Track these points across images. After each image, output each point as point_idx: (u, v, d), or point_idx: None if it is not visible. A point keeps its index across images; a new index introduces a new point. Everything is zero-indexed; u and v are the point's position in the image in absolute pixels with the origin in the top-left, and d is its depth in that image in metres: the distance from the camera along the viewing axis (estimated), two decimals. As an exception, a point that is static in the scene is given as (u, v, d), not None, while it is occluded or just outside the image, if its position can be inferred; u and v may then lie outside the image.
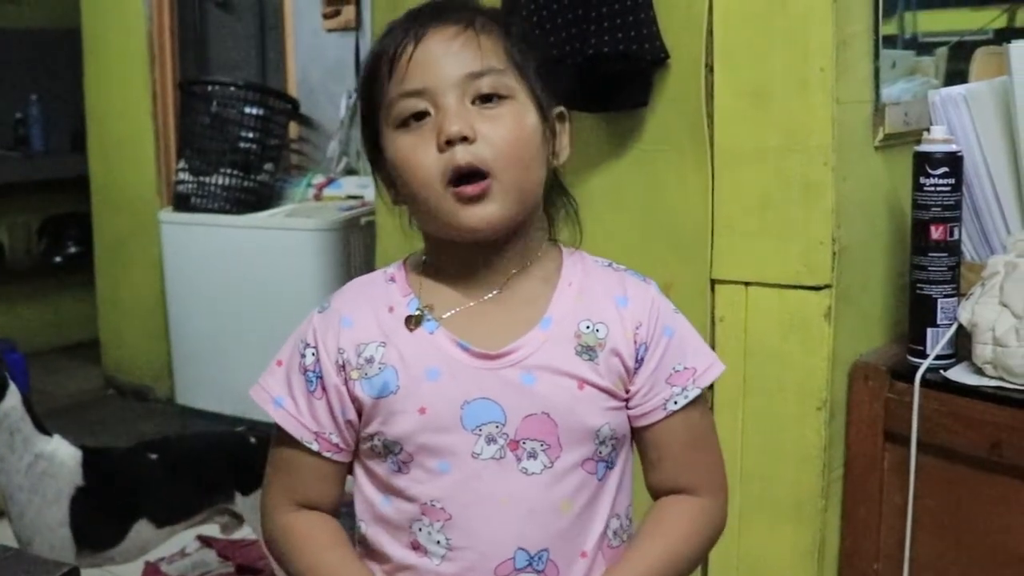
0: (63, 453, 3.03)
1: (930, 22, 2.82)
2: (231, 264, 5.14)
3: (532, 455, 1.50)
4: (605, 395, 1.53)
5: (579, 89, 2.52)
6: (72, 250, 7.14)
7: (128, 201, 5.97)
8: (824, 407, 2.37)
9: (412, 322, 1.53)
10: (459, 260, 1.55)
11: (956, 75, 2.75)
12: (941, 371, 2.30)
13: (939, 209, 2.29)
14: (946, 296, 2.31)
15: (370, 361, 1.52)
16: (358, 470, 1.59)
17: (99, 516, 3.04)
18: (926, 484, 2.29)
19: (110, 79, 5.98)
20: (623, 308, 1.57)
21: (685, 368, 1.58)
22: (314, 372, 1.54)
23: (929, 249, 2.31)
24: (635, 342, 1.55)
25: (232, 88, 5.23)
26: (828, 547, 2.45)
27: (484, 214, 1.46)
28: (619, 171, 2.64)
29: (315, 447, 1.55)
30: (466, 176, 1.45)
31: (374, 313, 1.55)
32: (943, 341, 2.31)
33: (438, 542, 1.50)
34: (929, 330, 2.32)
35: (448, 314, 1.54)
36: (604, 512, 1.56)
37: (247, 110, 5.17)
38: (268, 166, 5.28)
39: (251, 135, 5.21)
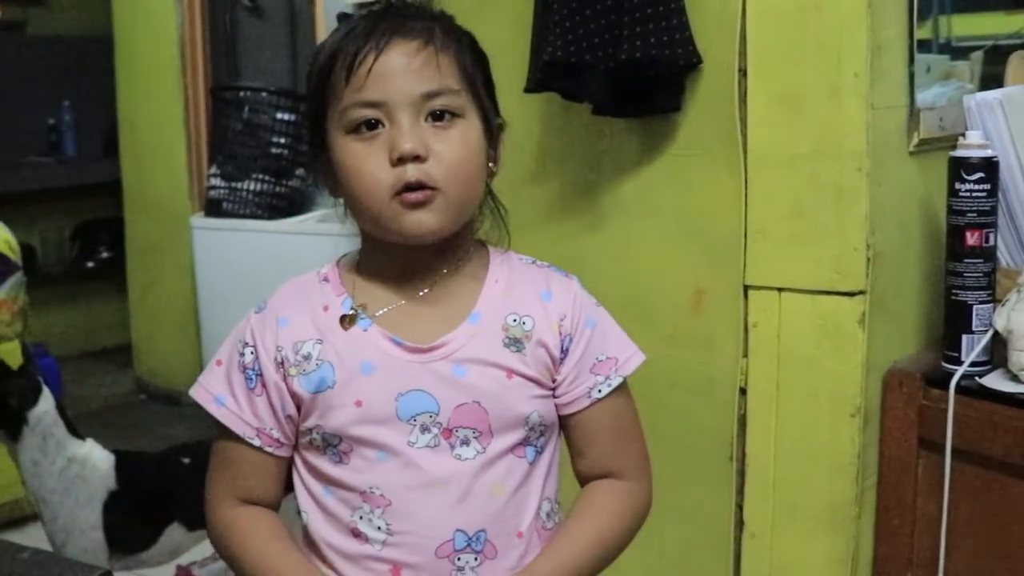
0: (96, 457, 3.04)
1: (965, 26, 2.81)
2: (263, 269, 5.14)
3: (465, 442, 1.57)
4: (532, 384, 1.60)
5: (611, 94, 2.52)
6: (104, 255, 7.16)
7: (160, 206, 5.99)
8: (858, 414, 2.36)
9: (347, 321, 1.60)
10: (393, 259, 1.61)
11: (991, 79, 2.74)
12: (976, 378, 2.28)
13: (974, 215, 2.28)
14: (981, 302, 2.30)
15: (307, 358, 1.58)
16: (298, 463, 1.65)
17: (131, 520, 3.05)
18: (961, 492, 2.28)
19: (142, 85, 6.01)
20: (547, 302, 1.64)
21: (608, 358, 1.65)
22: (253, 370, 1.61)
23: (964, 255, 2.30)
24: (560, 333, 1.62)
25: (264, 94, 5.23)
26: (861, 555, 2.44)
27: (425, 221, 1.53)
28: (651, 176, 2.64)
29: (256, 443, 1.61)
30: (411, 187, 1.51)
31: (309, 312, 1.62)
32: (978, 348, 2.29)
33: (379, 528, 1.56)
34: (964, 336, 2.31)
35: (381, 312, 1.60)
36: (536, 494, 1.63)
37: (279, 116, 5.17)
38: (300, 172, 5.28)
39: (283, 140, 5.21)
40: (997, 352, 2.30)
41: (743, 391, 2.52)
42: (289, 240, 5.06)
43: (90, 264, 7.19)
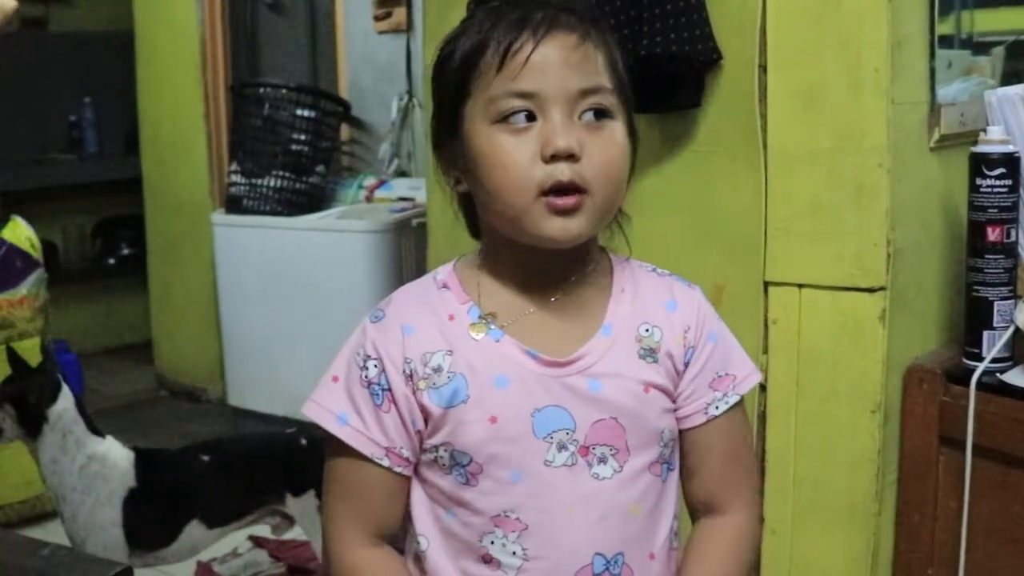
0: (116, 454, 3.05)
1: (986, 21, 2.80)
2: (283, 266, 5.15)
3: (602, 460, 1.51)
4: (666, 397, 1.56)
5: (631, 90, 2.52)
6: (125, 252, 7.19)
7: (181, 203, 6.01)
8: (878, 410, 2.35)
9: (476, 330, 1.52)
10: (520, 263, 1.54)
11: (1013, 75, 2.73)
12: (997, 374, 2.28)
13: (996, 210, 2.28)
14: (1003, 298, 2.30)
15: (438, 370, 1.50)
16: (416, 485, 1.57)
17: (151, 517, 3.06)
18: (981, 489, 2.27)
19: (163, 82, 6.02)
20: (672, 312, 1.58)
21: (727, 374, 1.60)
22: (379, 384, 1.51)
23: (985, 251, 2.29)
24: (684, 345, 1.57)
25: (284, 90, 5.24)
26: (882, 552, 2.43)
27: (571, 228, 1.46)
28: (671, 172, 2.63)
29: (386, 463, 1.52)
30: (561, 188, 1.44)
31: (435, 321, 1.53)
32: (999, 344, 2.29)
33: (514, 553, 1.50)
34: (985, 333, 2.31)
35: (511, 321, 1.53)
36: (669, 513, 1.58)
37: (299, 112, 5.18)
38: (320, 168, 5.29)
39: (303, 137, 5.21)
40: (1018, 348, 2.30)
41: (763, 387, 2.51)
42: (309, 236, 5.07)
43: (111, 261, 7.22)
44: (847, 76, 2.32)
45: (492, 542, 1.50)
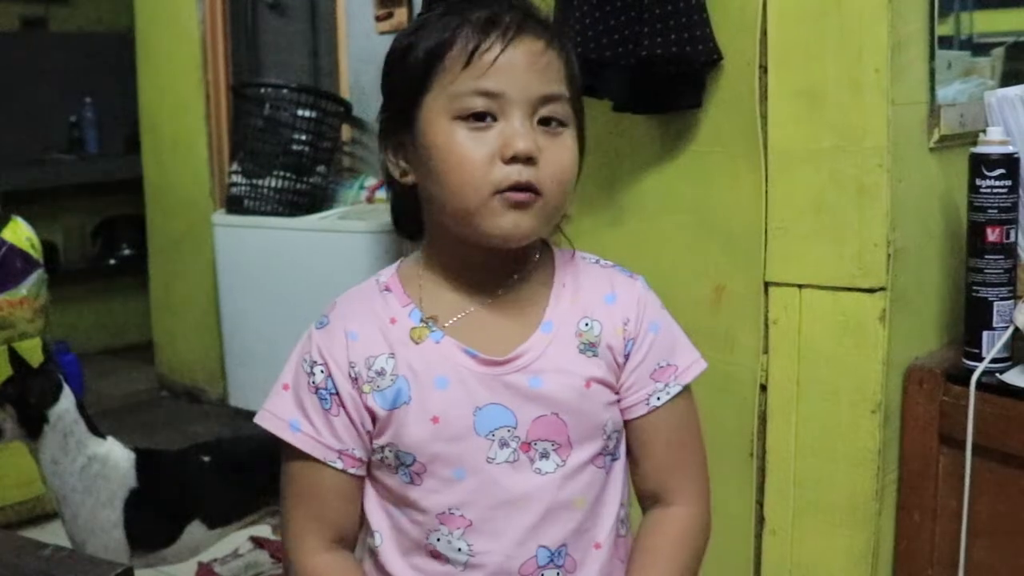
0: (116, 455, 3.05)
1: (986, 22, 2.80)
2: (284, 266, 5.15)
3: (544, 455, 1.54)
4: (608, 390, 1.58)
5: (632, 91, 2.52)
6: (126, 252, 7.20)
7: (181, 203, 6.01)
8: (879, 410, 2.35)
9: (416, 333, 1.55)
10: (463, 262, 1.57)
11: (1013, 76, 2.73)
12: (997, 374, 2.28)
13: (995, 211, 2.28)
14: (1002, 299, 2.30)
15: (381, 373, 1.53)
16: (368, 485, 1.60)
17: (152, 517, 3.06)
18: (981, 488, 2.27)
19: (163, 82, 6.02)
20: (612, 305, 1.61)
21: (669, 364, 1.62)
22: (327, 389, 1.54)
23: (985, 251, 2.29)
24: (624, 337, 1.59)
25: (285, 91, 5.24)
26: (882, 551, 2.44)
27: (523, 224, 1.48)
28: (672, 172, 2.64)
29: (339, 465, 1.55)
30: (518, 188, 1.47)
31: (377, 325, 1.56)
32: (999, 344, 2.29)
33: (459, 549, 1.53)
34: (985, 333, 2.31)
35: (451, 321, 1.56)
36: (614, 503, 1.61)
37: (300, 113, 5.18)
38: (320, 168, 5.29)
39: (304, 138, 5.22)
40: (1018, 348, 2.30)
41: (763, 388, 2.52)
42: (310, 237, 5.07)
43: (112, 261, 7.23)
44: (847, 76, 2.33)
45: (439, 539, 1.54)
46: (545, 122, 1.49)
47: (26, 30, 6.88)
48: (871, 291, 2.34)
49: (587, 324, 1.57)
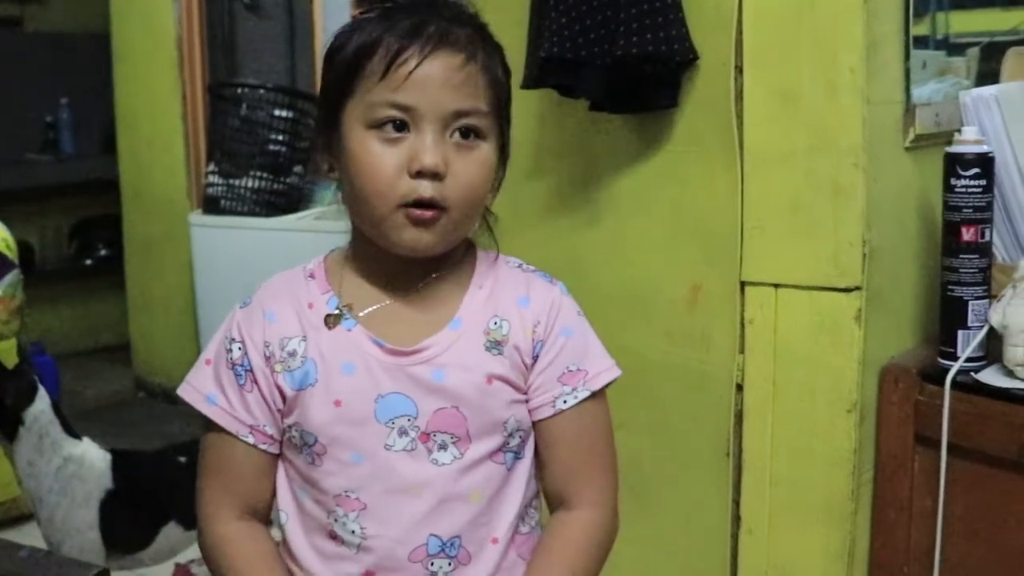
0: (92, 456, 3.04)
1: (961, 22, 2.81)
2: (261, 267, 5.09)
3: (443, 447, 1.56)
4: (511, 388, 1.60)
5: (608, 90, 2.52)
6: (103, 253, 7.17)
7: (158, 204, 6.00)
8: (854, 410, 2.36)
9: (331, 320, 1.59)
10: (383, 259, 1.60)
11: (987, 76, 2.74)
12: (972, 373, 2.29)
13: (970, 210, 2.28)
14: (977, 298, 2.30)
15: (292, 355, 1.58)
16: (280, 464, 1.64)
17: (128, 519, 3.05)
18: (956, 487, 2.28)
19: (140, 82, 6.01)
20: (524, 307, 1.63)
21: (579, 369, 1.63)
22: (242, 366, 1.60)
23: (960, 251, 2.30)
24: (532, 339, 1.61)
25: (262, 91, 5.23)
26: (858, 550, 2.44)
27: (424, 239, 1.53)
28: (648, 172, 2.64)
29: (251, 440, 1.60)
30: (422, 204, 1.50)
31: (295, 309, 1.62)
32: (974, 343, 2.30)
33: (353, 531, 1.56)
34: (960, 332, 2.32)
35: (365, 312, 1.60)
36: (515, 500, 1.62)
37: (277, 113, 5.17)
38: (297, 169, 5.28)
39: (280, 138, 5.21)
40: (992, 348, 2.30)
41: (740, 387, 2.52)
42: (287, 237, 5.06)
43: (88, 262, 7.20)
44: (823, 76, 2.33)
45: (335, 520, 1.57)
46: (464, 134, 1.52)
47: (1, 30, 6.85)
48: (847, 290, 2.35)
49: (496, 323, 1.60)
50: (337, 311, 1.59)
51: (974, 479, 2.27)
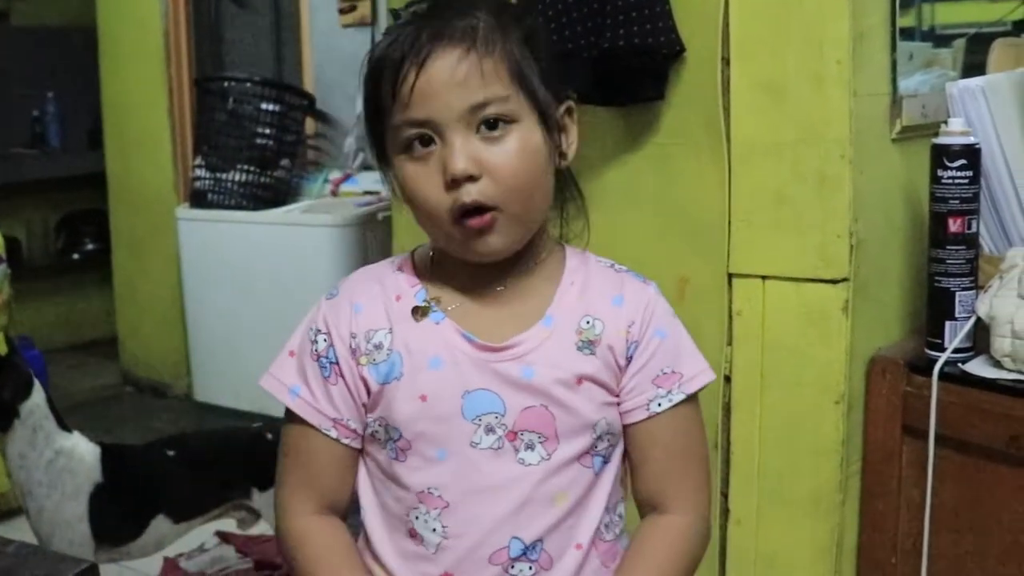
0: (82, 449, 3.04)
1: (948, 14, 2.81)
2: (248, 260, 5.15)
3: (530, 447, 1.52)
4: (602, 390, 1.56)
5: (594, 83, 2.52)
6: (90, 247, 7.17)
7: (145, 198, 5.99)
8: (842, 401, 2.36)
9: (419, 312, 1.56)
10: (464, 261, 1.55)
11: (974, 67, 2.74)
12: (959, 364, 2.29)
13: (957, 202, 2.29)
14: (964, 289, 2.31)
15: (378, 347, 1.55)
16: (362, 460, 1.61)
17: (117, 512, 3.05)
18: (944, 478, 2.29)
19: (126, 76, 5.99)
20: (618, 307, 1.59)
21: (673, 372, 1.59)
22: (327, 358, 1.56)
23: (947, 242, 2.30)
24: (627, 340, 1.57)
25: (248, 84, 5.24)
26: (846, 541, 2.45)
27: (490, 245, 1.49)
28: (635, 165, 2.64)
29: (333, 434, 1.57)
30: (472, 210, 1.46)
31: (382, 301, 1.58)
32: (961, 334, 2.30)
33: (434, 530, 1.53)
34: (947, 323, 2.32)
35: (454, 306, 1.56)
36: (600, 505, 1.58)
37: (263, 106, 5.18)
38: (285, 162, 5.29)
39: (268, 131, 5.21)
40: (980, 339, 2.31)
41: (728, 379, 2.52)
42: (274, 231, 5.07)
43: (75, 256, 7.20)
44: (809, 68, 2.33)
45: (416, 517, 1.54)
46: (490, 126, 1.47)
47: (-13, 24, 6.85)
48: (834, 282, 2.35)
49: (588, 322, 1.56)
50: (425, 303, 1.57)
51: (962, 470, 2.27)
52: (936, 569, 2.32)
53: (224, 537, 3.99)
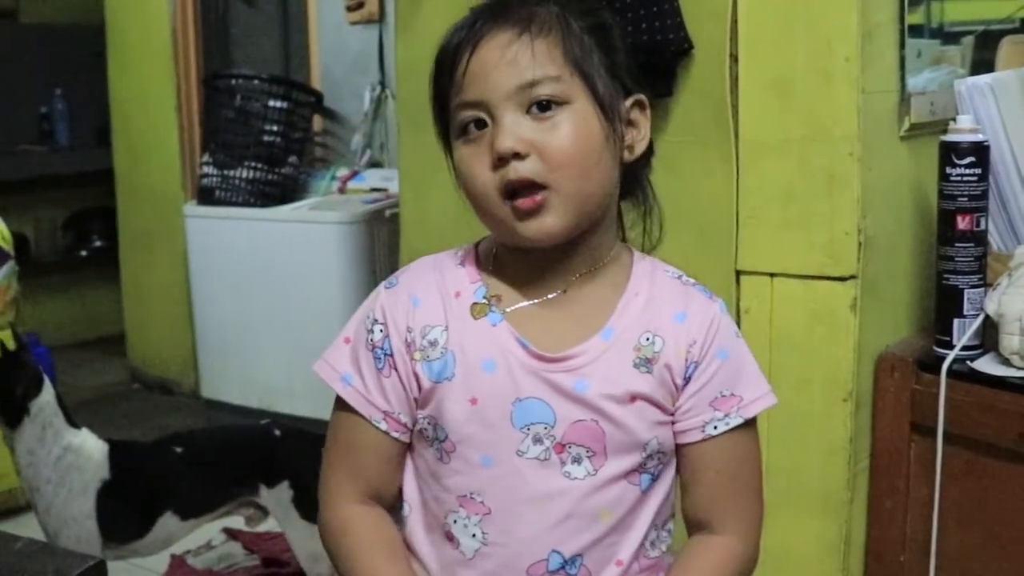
0: (90, 446, 3.04)
1: (956, 11, 2.81)
2: (256, 257, 5.14)
3: (577, 460, 1.50)
4: (656, 409, 1.52)
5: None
6: (97, 244, 7.17)
7: (153, 195, 5.99)
8: (850, 399, 2.36)
9: (477, 310, 1.53)
10: (525, 258, 1.53)
11: (982, 64, 2.74)
12: (967, 362, 2.29)
13: (965, 199, 2.28)
14: (972, 287, 2.31)
15: (433, 344, 1.52)
16: (409, 456, 1.60)
17: (125, 509, 3.05)
18: (952, 475, 2.28)
19: (134, 73, 6.00)
20: (680, 324, 1.55)
21: (732, 395, 1.56)
22: (382, 349, 1.54)
23: (955, 239, 2.30)
24: (686, 359, 1.53)
25: (256, 81, 5.23)
26: (854, 539, 2.44)
27: (542, 227, 1.45)
28: (643, 162, 2.64)
29: (383, 426, 1.55)
30: (522, 189, 1.44)
31: (440, 295, 1.55)
32: (969, 332, 2.30)
33: (474, 535, 1.52)
34: (955, 321, 2.32)
35: (512, 308, 1.54)
36: (644, 523, 1.55)
37: (271, 103, 5.17)
38: (292, 159, 5.28)
39: (275, 128, 5.21)
40: (988, 336, 2.30)
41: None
42: (282, 228, 5.06)
43: (83, 253, 7.20)
44: (818, 65, 2.33)
45: (455, 521, 1.53)
46: (543, 107, 1.45)
47: (-4, 22, 6.85)
48: (842, 279, 2.35)
49: (648, 339, 1.52)
50: (484, 300, 1.54)
51: (970, 467, 2.27)
52: (945, 566, 2.32)
53: (232, 534, 3.99)
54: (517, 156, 1.43)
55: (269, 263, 5.08)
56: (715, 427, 1.55)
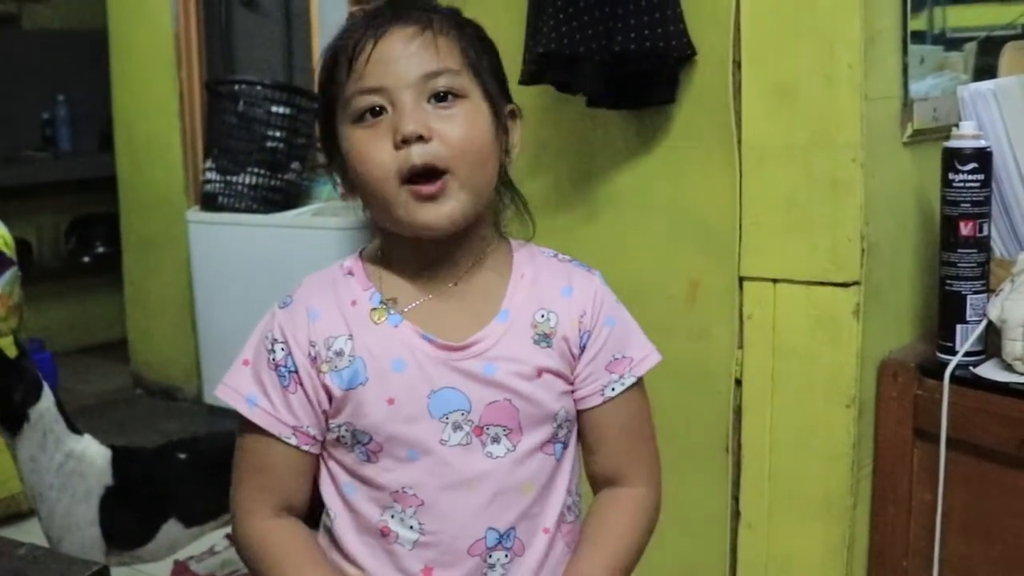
0: (93, 452, 3.04)
1: (959, 17, 2.81)
2: (258, 263, 5.14)
3: (496, 440, 1.57)
4: (560, 380, 1.61)
5: (606, 86, 2.52)
6: (100, 250, 7.16)
7: (156, 201, 5.99)
8: (853, 404, 2.36)
9: (376, 315, 1.58)
10: (415, 252, 1.59)
11: (985, 70, 2.74)
12: (970, 368, 2.29)
13: (968, 205, 2.29)
14: (975, 292, 2.31)
15: (339, 354, 1.56)
16: (323, 462, 1.63)
17: (128, 515, 3.05)
18: (955, 481, 2.29)
19: (137, 79, 6.00)
20: (568, 298, 1.63)
21: (623, 357, 1.65)
22: (286, 367, 1.58)
23: (958, 245, 2.30)
24: (579, 329, 1.62)
25: (259, 87, 5.23)
26: (857, 544, 2.45)
27: (442, 212, 1.51)
28: (646, 168, 2.64)
29: (293, 441, 1.58)
30: (422, 175, 1.49)
31: (338, 306, 1.60)
32: (972, 338, 2.30)
33: (411, 527, 1.56)
34: (958, 327, 2.32)
35: (410, 306, 1.59)
36: (562, 490, 1.63)
37: (274, 109, 5.17)
38: (295, 165, 5.28)
39: (278, 134, 5.20)
40: (991, 342, 2.31)
41: (738, 382, 2.52)
42: (284, 234, 5.06)
43: (86, 259, 7.19)
44: (821, 71, 2.33)
45: (392, 516, 1.57)
46: (440, 98, 1.51)
47: (-2, 27, 6.86)
48: (845, 285, 2.35)
49: (543, 316, 1.60)
50: (382, 306, 1.58)
51: (973, 473, 2.27)
52: (947, 571, 2.32)
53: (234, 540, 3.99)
54: (420, 139, 1.48)
55: (272, 269, 5.08)
56: (613, 389, 1.64)
